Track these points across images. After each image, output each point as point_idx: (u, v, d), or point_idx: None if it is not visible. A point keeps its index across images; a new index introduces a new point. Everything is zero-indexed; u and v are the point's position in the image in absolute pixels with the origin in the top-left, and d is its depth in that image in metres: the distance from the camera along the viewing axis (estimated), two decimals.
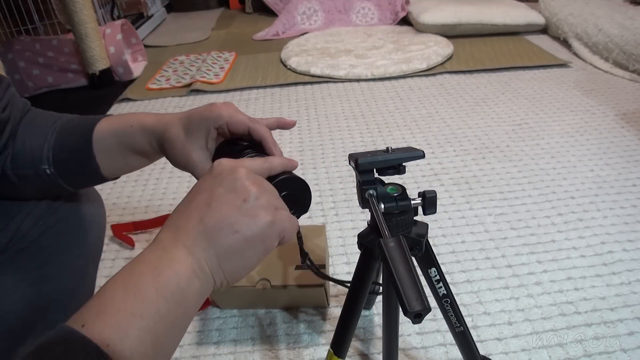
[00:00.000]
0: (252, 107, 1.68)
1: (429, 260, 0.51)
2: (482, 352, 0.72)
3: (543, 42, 2.12)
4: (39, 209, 0.62)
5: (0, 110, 0.52)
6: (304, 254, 0.54)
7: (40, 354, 0.28)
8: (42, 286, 0.58)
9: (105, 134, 0.53)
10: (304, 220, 1.06)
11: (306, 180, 0.44)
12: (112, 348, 0.28)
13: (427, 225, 0.50)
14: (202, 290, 0.34)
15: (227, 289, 0.76)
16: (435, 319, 0.80)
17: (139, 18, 2.71)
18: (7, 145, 0.54)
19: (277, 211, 0.37)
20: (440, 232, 1.00)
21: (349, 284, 0.54)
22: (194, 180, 0.44)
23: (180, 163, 0.49)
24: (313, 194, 1.15)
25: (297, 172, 0.45)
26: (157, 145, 0.51)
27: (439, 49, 1.98)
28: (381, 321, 0.67)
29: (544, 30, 2.24)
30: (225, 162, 0.38)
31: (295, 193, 0.43)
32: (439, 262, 0.52)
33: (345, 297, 0.54)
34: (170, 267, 0.33)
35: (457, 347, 0.59)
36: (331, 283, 0.88)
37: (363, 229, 0.51)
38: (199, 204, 0.36)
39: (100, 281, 0.68)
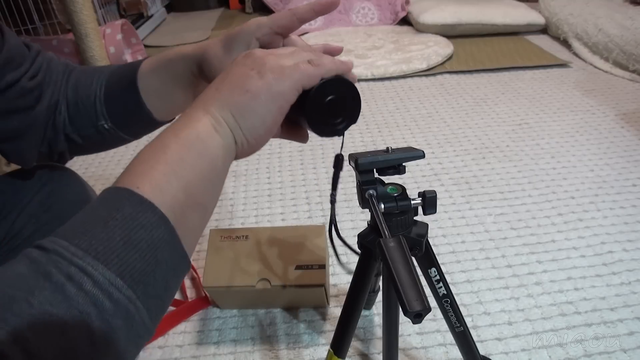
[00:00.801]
0: None
1: (429, 260, 0.51)
2: (482, 352, 0.72)
3: (543, 42, 2.12)
4: (31, 206, 0.62)
5: (28, 78, 0.53)
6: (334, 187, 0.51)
7: (87, 209, 0.31)
8: None
9: (147, 75, 0.53)
10: (304, 220, 1.06)
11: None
12: (142, 189, 0.31)
13: (427, 225, 0.50)
14: (225, 145, 0.37)
15: (227, 289, 0.76)
16: (435, 319, 0.80)
17: (139, 18, 2.71)
18: (57, 108, 0.55)
19: (291, 67, 0.38)
20: (440, 232, 1.00)
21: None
22: None
23: None
24: (313, 194, 1.15)
25: (296, 172, 0.44)
26: (197, 71, 0.51)
27: (439, 49, 1.98)
28: (381, 321, 0.67)
29: (544, 30, 2.24)
30: (246, 52, 0.40)
31: (343, 98, 0.41)
32: (439, 262, 0.52)
33: (345, 297, 0.54)
34: (189, 125, 0.36)
35: (457, 347, 0.59)
36: (331, 283, 0.88)
37: (363, 229, 0.51)
38: (217, 80, 0.39)
39: None
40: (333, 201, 0.46)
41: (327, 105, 0.40)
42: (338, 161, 0.45)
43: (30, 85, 0.53)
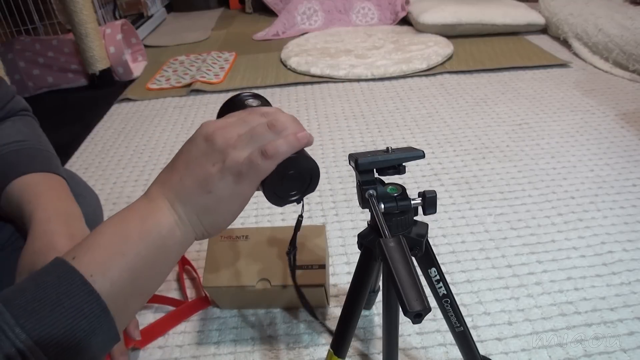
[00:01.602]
0: None
1: (429, 260, 0.51)
2: (482, 352, 0.72)
3: (543, 42, 2.12)
4: None
5: None
6: (292, 245, 0.55)
7: (35, 278, 0.33)
8: None
9: (10, 204, 0.58)
10: (304, 220, 1.06)
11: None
12: (95, 278, 0.33)
13: (427, 225, 0.50)
14: (183, 240, 0.39)
15: (227, 289, 0.76)
16: (435, 319, 0.80)
17: (139, 18, 2.71)
18: None
19: (247, 164, 0.39)
20: (440, 232, 1.00)
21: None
22: None
23: None
24: (313, 194, 1.15)
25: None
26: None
27: (439, 49, 1.98)
28: (381, 321, 0.67)
29: (544, 30, 2.24)
30: (205, 125, 0.41)
31: (300, 173, 0.42)
32: (439, 262, 0.52)
33: (345, 297, 0.54)
34: (154, 217, 0.38)
35: (457, 347, 0.59)
36: (331, 283, 0.88)
37: (363, 229, 0.51)
38: (180, 163, 0.40)
39: None
40: (292, 255, 0.50)
41: (283, 184, 0.42)
42: (298, 223, 0.49)
43: None
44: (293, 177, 0.41)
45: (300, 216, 0.48)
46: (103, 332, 0.34)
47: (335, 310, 0.83)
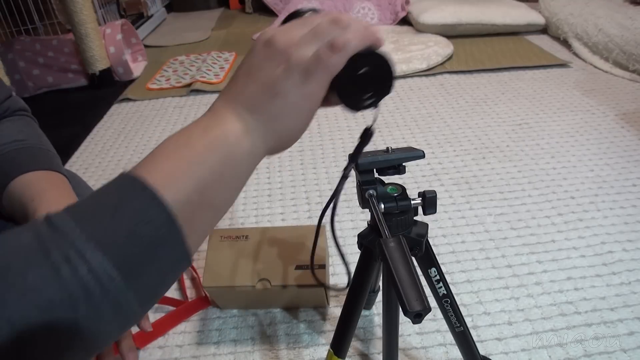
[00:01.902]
0: None
1: (429, 260, 0.51)
2: (482, 352, 0.72)
3: (543, 42, 2.12)
4: None
5: None
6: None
7: (94, 192, 0.31)
8: None
9: (12, 202, 0.57)
10: (304, 220, 1.06)
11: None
12: (157, 185, 0.31)
13: (427, 225, 0.50)
14: (251, 150, 0.36)
15: (227, 289, 0.76)
16: (435, 319, 0.80)
17: (139, 18, 2.71)
18: None
19: (314, 61, 0.36)
20: (440, 232, 1.00)
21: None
22: None
23: None
24: (313, 194, 1.15)
25: (296, 172, 0.44)
26: None
27: (439, 49, 1.98)
28: (381, 321, 0.67)
29: (544, 30, 2.24)
30: (263, 33, 0.39)
31: (374, 70, 0.39)
32: (439, 262, 0.52)
33: (345, 297, 0.54)
34: (219, 126, 0.35)
35: (457, 347, 0.59)
36: (331, 283, 0.88)
37: (363, 229, 0.51)
38: (241, 74, 0.37)
39: None
40: (345, 176, 0.44)
41: (356, 81, 0.38)
42: (366, 134, 0.44)
43: None
44: (366, 75, 0.38)
45: (370, 128, 0.43)
46: (170, 244, 0.31)
47: (335, 310, 0.83)
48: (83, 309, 0.28)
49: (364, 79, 0.39)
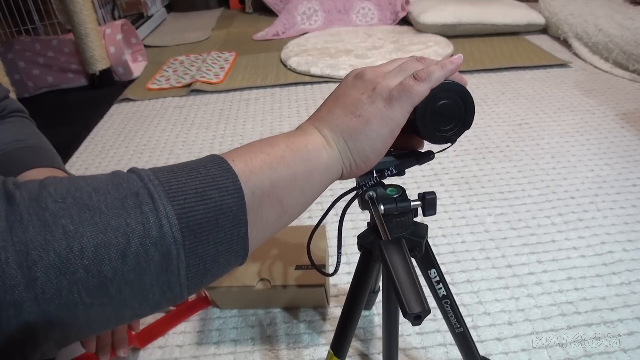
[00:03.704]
0: (252, 107, 1.68)
1: (428, 261, 0.51)
2: (482, 352, 0.72)
3: (543, 42, 2.12)
4: None
5: None
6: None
7: (184, 162, 0.34)
8: None
9: None
10: (304, 220, 1.06)
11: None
12: (236, 163, 0.34)
13: (426, 226, 0.50)
14: (329, 163, 0.39)
15: (227, 289, 0.76)
16: (435, 319, 0.80)
17: (139, 18, 2.71)
18: None
19: (398, 89, 0.38)
20: (440, 232, 1.00)
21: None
22: None
23: None
24: None
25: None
26: None
27: (439, 49, 1.98)
28: (381, 321, 0.67)
29: (544, 30, 2.24)
30: (354, 70, 0.42)
31: (454, 103, 0.40)
32: (439, 262, 0.52)
33: (345, 297, 0.55)
34: (301, 137, 0.38)
35: (457, 347, 0.59)
36: (331, 283, 0.88)
37: (363, 229, 0.51)
38: (329, 100, 0.41)
39: None
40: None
41: (437, 113, 0.40)
42: (427, 156, 0.45)
43: None
44: (445, 107, 0.40)
45: (432, 153, 0.45)
46: (232, 219, 0.32)
47: (335, 310, 0.83)
48: (135, 244, 0.28)
49: (443, 111, 0.40)
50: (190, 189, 0.31)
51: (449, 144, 0.43)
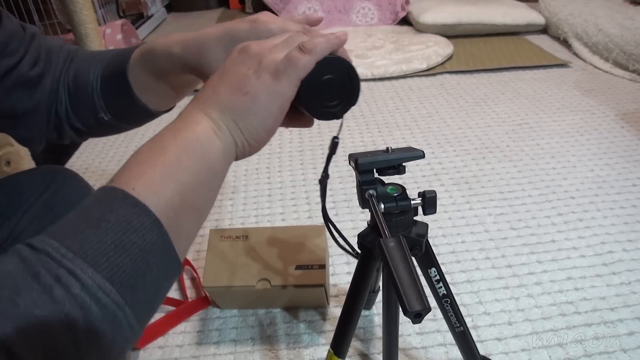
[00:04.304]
0: None
1: (429, 260, 0.51)
2: (482, 352, 0.72)
3: (543, 42, 2.12)
4: (35, 208, 0.62)
5: (27, 67, 0.51)
6: (325, 173, 0.48)
7: (75, 211, 0.31)
8: None
9: (135, 68, 0.51)
10: (304, 220, 1.06)
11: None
12: (138, 191, 0.31)
13: (427, 225, 0.50)
14: (224, 149, 0.36)
15: (227, 289, 0.76)
16: (435, 319, 0.80)
17: (139, 18, 2.71)
18: (58, 99, 0.54)
19: (285, 62, 0.37)
20: (440, 232, 1.00)
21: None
22: None
23: None
24: (313, 194, 1.15)
25: (296, 172, 0.44)
26: (187, 69, 0.48)
27: (439, 49, 1.98)
28: (381, 321, 0.67)
29: (544, 30, 2.24)
30: (241, 43, 0.39)
31: (340, 78, 0.39)
32: (439, 262, 0.52)
33: (345, 297, 0.54)
34: (188, 127, 0.36)
35: (457, 347, 0.59)
36: (331, 283, 0.88)
37: (363, 229, 0.51)
38: (214, 78, 0.38)
39: None
40: (323, 184, 0.45)
41: (322, 88, 0.39)
42: (334, 145, 0.44)
43: (29, 74, 0.51)
44: (331, 82, 0.39)
45: (336, 137, 0.43)
46: (160, 250, 0.31)
47: (335, 310, 0.83)
48: (82, 329, 0.26)
49: (329, 86, 0.39)
50: (108, 246, 0.28)
51: (336, 119, 0.41)
